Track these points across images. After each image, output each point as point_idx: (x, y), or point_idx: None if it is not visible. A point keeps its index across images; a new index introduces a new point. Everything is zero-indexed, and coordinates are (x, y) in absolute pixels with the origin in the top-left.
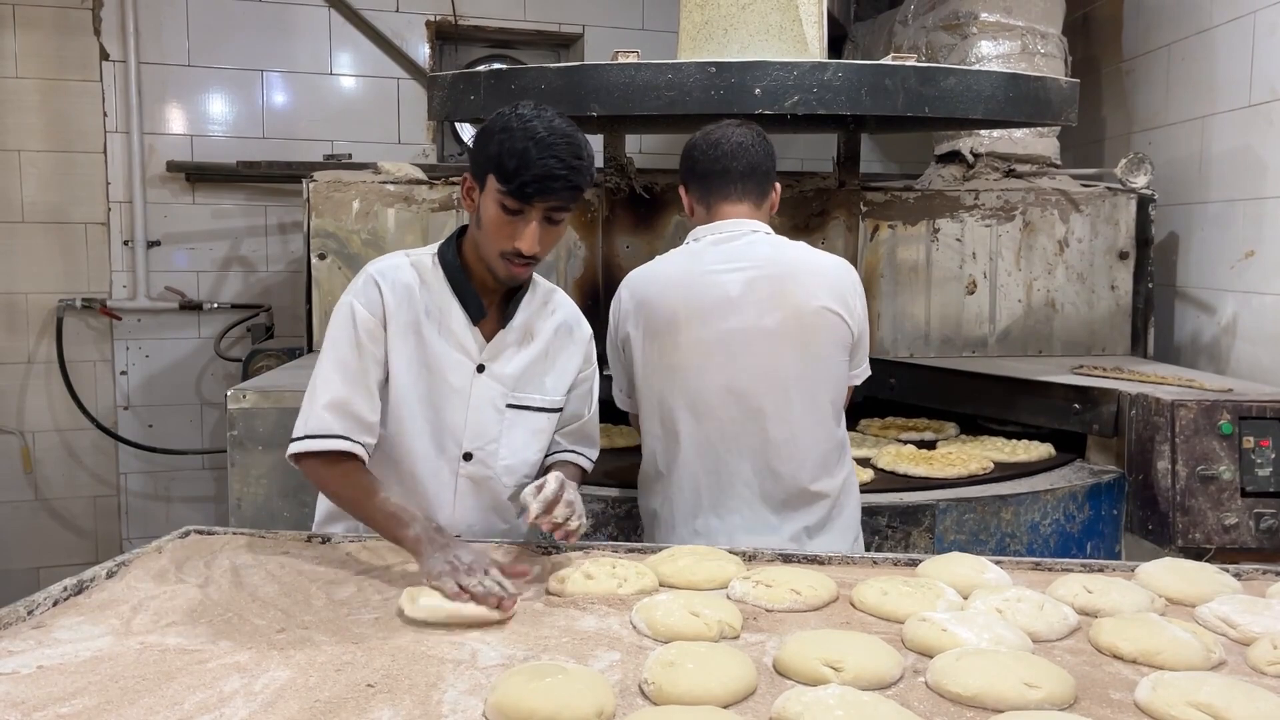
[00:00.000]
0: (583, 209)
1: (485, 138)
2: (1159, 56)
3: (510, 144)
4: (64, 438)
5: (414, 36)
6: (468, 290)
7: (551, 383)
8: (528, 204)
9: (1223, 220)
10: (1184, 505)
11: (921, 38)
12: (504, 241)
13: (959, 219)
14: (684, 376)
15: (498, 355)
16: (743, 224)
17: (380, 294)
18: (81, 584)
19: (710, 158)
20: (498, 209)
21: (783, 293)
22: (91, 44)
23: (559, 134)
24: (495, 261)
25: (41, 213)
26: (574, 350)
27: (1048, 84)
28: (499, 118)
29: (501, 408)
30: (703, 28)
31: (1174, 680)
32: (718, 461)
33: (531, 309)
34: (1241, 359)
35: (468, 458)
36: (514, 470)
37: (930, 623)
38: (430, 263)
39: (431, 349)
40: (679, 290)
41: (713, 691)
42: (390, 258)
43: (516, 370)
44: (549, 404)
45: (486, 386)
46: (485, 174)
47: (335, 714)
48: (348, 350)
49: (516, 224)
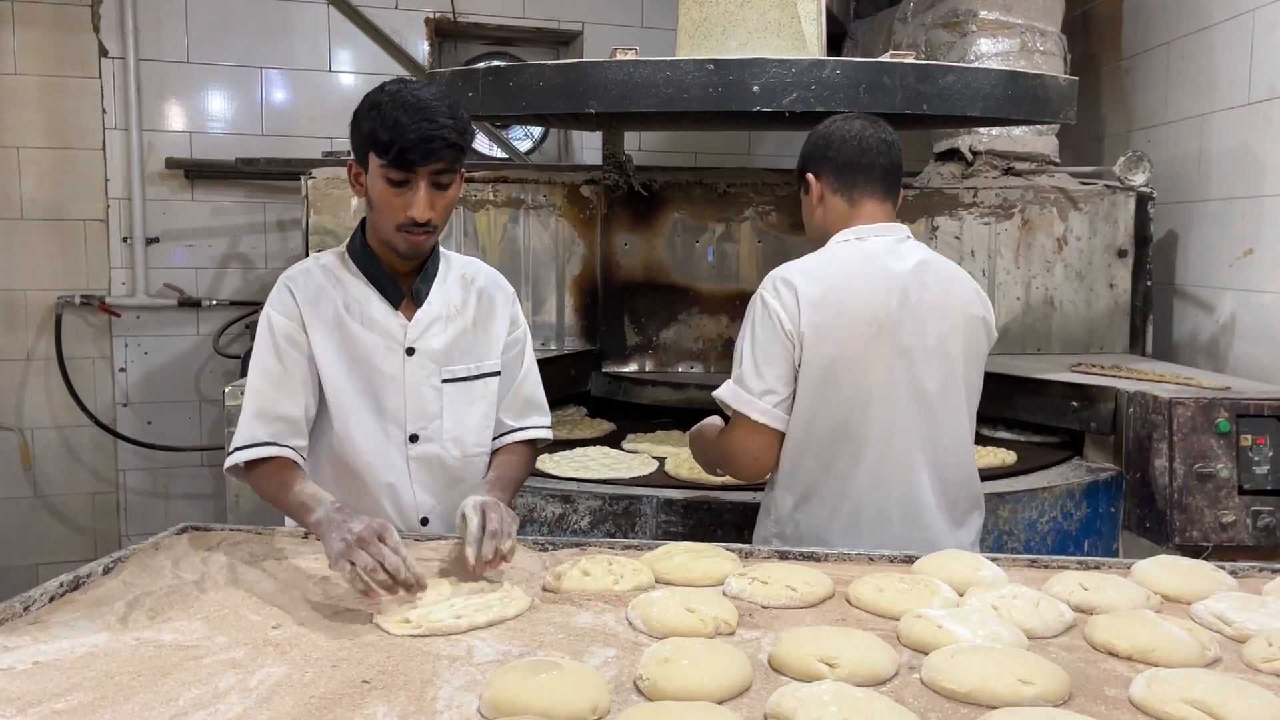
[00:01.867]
0: (581, 206)
1: (358, 120)
2: (1158, 54)
3: (382, 118)
4: (63, 434)
5: (413, 34)
6: (382, 276)
7: (483, 350)
8: (411, 171)
9: (1221, 218)
10: (1181, 503)
11: (920, 35)
12: (397, 214)
13: (958, 217)
14: (874, 381)
15: (423, 334)
16: (897, 227)
17: (293, 297)
18: (78, 580)
19: (856, 150)
20: (384, 184)
21: (950, 299)
22: (90, 41)
23: (429, 99)
24: (395, 237)
25: (40, 209)
26: (500, 313)
27: (1047, 82)
28: (366, 99)
29: (437, 384)
30: (701, 25)
31: (1169, 677)
32: (907, 471)
33: (449, 283)
34: (1240, 357)
35: (414, 439)
36: (461, 441)
37: (926, 619)
38: (340, 259)
39: (358, 340)
40: (865, 290)
41: (708, 687)
42: (300, 263)
43: (445, 345)
44: (484, 370)
45: (419, 366)
46: (365, 154)
47: (330, 710)
48: (269, 358)
49: (405, 194)
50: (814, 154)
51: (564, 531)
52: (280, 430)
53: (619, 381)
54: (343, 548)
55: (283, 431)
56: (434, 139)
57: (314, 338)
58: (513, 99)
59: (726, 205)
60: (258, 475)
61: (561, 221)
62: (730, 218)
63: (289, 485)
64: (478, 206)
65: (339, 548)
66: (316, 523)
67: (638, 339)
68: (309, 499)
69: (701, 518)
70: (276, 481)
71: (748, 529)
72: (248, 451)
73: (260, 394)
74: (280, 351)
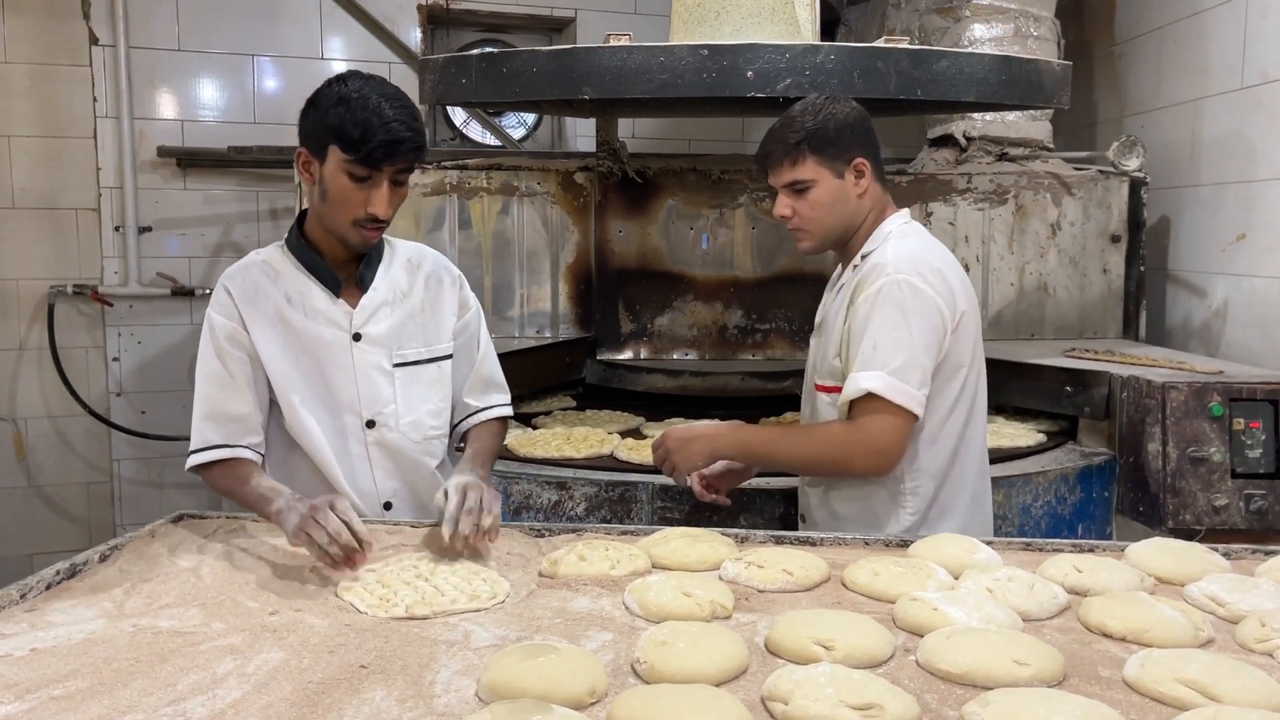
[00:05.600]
0: (575, 193)
1: (319, 111)
2: (1151, 40)
3: (350, 115)
4: (56, 424)
5: (405, 21)
6: (320, 268)
7: (432, 333)
8: (377, 169)
9: (1214, 203)
10: (1174, 487)
11: (914, 21)
12: (355, 209)
13: (952, 202)
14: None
15: (369, 319)
16: None
17: (230, 297)
18: (74, 568)
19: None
20: (345, 179)
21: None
22: (81, 28)
23: (395, 100)
24: (347, 231)
25: (32, 199)
26: (448, 296)
27: (1040, 67)
28: (329, 91)
29: (388, 369)
30: (695, 10)
31: (1162, 657)
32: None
33: (394, 268)
34: (1232, 342)
35: (370, 425)
36: (419, 425)
37: (921, 602)
38: (279, 253)
39: (303, 332)
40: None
41: (705, 670)
42: (238, 262)
43: (393, 329)
44: (435, 354)
45: (367, 352)
46: (325, 146)
47: (328, 694)
48: (213, 360)
49: (366, 190)
50: (865, 138)
51: (560, 518)
52: (232, 431)
53: (614, 369)
54: (298, 521)
55: (235, 431)
56: (404, 140)
57: (255, 335)
58: (506, 85)
59: (720, 192)
60: (216, 475)
61: (555, 209)
62: (724, 204)
63: (245, 480)
64: (471, 194)
65: (294, 522)
66: (278, 511)
67: (632, 326)
68: (268, 491)
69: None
70: (233, 478)
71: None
72: (202, 455)
73: (207, 397)
74: (222, 352)
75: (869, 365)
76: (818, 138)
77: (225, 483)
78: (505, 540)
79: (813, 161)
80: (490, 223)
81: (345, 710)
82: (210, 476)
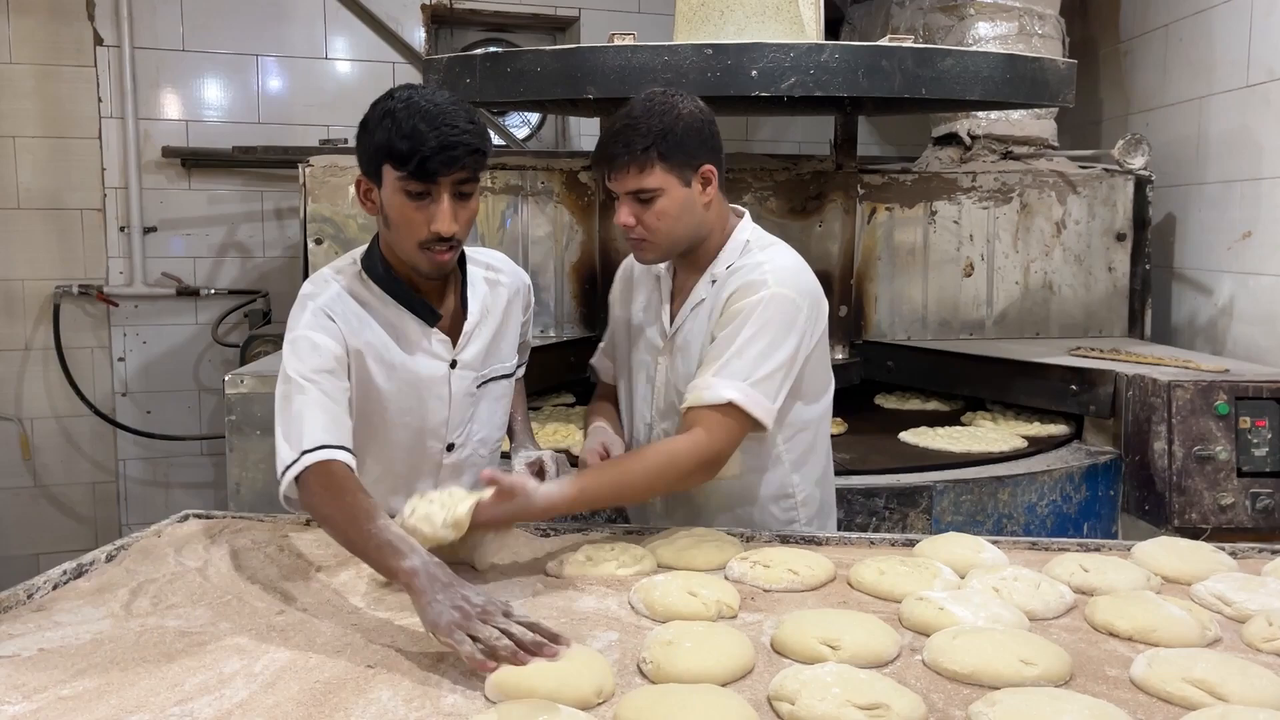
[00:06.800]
0: (580, 192)
1: (368, 131)
2: (1157, 37)
3: (398, 127)
4: (62, 424)
5: (409, 20)
6: (411, 299)
7: (507, 348)
8: (433, 181)
9: (1220, 201)
10: (1180, 485)
11: (918, 19)
12: (419, 230)
13: (956, 201)
14: None
15: (466, 346)
16: None
17: (334, 323)
18: (81, 568)
19: None
20: (402, 198)
21: None
22: (85, 29)
23: (445, 104)
24: (416, 256)
25: (37, 199)
26: (520, 308)
27: (1045, 65)
28: (375, 108)
29: (475, 391)
30: (699, 9)
31: (1169, 657)
32: None
33: (479, 284)
34: (1238, 340)
35: (450, 448)
36: (488, 441)
37: (927, 602)
38: (360, 282)
39: (404, 368)
40: None
41: (711, 670)
42: (325, 288)
43: (482, 351)
44: (509, 369)
45: (461, 379)
46: (379, 166)
47: (335, 694)
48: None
49: (427, 207)
50: (712, 142)
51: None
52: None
53: None
54: (458, 616)
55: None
56: (456, 145)
57: (355, 365)
58: (511, 85)
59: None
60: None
61: (560, 208)
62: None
63: (372, 516)
64: None
65: (452, 617)
66: (412, 570)
67: None
68: (397, 540)
69: None
70: (349, 504)
71: None
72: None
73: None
74: (331, 371)
75: (731, 374)
76: (666, 142)
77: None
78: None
79: (660, 170)
80: (495, 222)
81: (352, 710)
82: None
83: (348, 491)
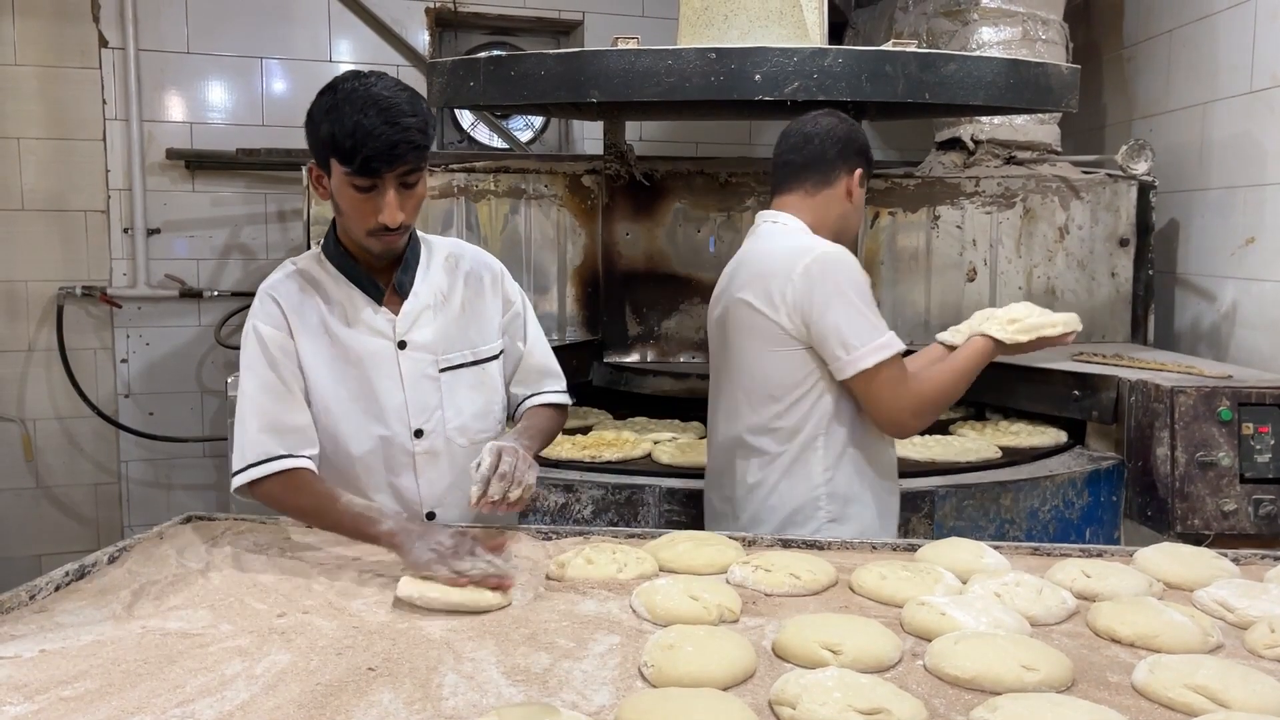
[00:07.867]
0: (583, 196)
1: (314, 122)
2: (1160, 43)
3: (341, 123)
4: (65, 425)
5: (413, 23)
6: (360, 275)
7: (476, 334)
8: (378, 177)
9: (1223, 207)
10: (1183, 491)
11: (922, 24)
12: (367, 219)
13: (959, 206)
14: None
15: (412, 325)
16: (768, 214)
17: (279, 307)
18: (83, 569)
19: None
20: (350, 190)
21: (729, 285)
22: (90, 31)
23: (388, 97)
24: (367, 241)
25: (41, 200)
26: (490, 293)
27: (1049, 70)
28: (320, 101)
29: (435, 375)
30: (703, 14)
31: (1171, 663)
32: None
33: (433, 270)
34: (1241, 346)
35: (419, 434)
36: (466, 430)
37: (929, 606)
38: (317, 262)
39: (348, 343)
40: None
41: (712, 674)
42: (277, 272)
43: (438, 335)
44: (480, 355)
45: (414, 360)
46: (327, 159)
47: (336, 697)
48: (265, 370)
49: (373, 199)
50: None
51: (567, 521)
52: (294, 441)
53: (621, 372)
54: (434, 556)
55: (297, 442)
56: (399, 144)
57: (301, 346)
58: (514, 88)
59: (728, 195)
60: (281, 490)
61: (563, 211)
62: (732, 207)
63: (334, 497)
64: (479, 197)
65: (429, 556)
66: (390, 532)
67: (639, 329)
68: (367, 509)
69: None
70: (311, 494)
71: None
72: (264, 467)
73: (262, 409)
74: (276, 363)
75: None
76: None
77: (293, 498)
78: (512, 543)
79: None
80: (498, 225)
81: (353, 712)
82: (268, 491)
83: (304, 486)
